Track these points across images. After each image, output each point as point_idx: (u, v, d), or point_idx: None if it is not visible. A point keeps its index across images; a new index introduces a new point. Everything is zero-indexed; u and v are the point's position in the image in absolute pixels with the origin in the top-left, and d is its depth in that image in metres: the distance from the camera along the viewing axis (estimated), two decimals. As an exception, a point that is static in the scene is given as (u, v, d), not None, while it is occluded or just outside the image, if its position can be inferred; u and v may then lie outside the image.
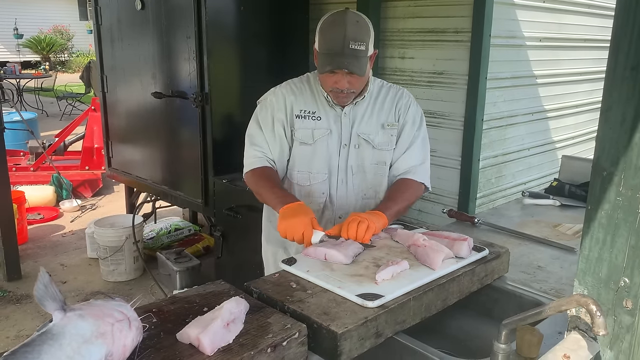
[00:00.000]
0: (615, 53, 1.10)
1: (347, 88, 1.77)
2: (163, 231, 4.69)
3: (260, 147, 1.90)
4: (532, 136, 3.93)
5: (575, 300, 1.10)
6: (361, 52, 1.70)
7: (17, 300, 3.87)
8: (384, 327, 1.24)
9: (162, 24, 3.54)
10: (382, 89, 1.96)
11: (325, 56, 1.72)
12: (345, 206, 1.93)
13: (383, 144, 1.92)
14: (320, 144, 1.89)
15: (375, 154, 1.92)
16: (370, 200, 1.96)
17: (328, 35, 1.72)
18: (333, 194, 1.93)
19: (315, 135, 1.88)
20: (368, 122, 1.91)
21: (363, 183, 1.94)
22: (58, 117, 11.18)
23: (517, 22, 3.50)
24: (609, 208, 1.17)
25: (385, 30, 3.68)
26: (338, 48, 1.68)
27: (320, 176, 1.91)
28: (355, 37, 1.68)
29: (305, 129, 1.88)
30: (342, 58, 1.68)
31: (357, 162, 1.91)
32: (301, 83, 1.95)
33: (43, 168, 6.21)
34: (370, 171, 1.93)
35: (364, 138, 1.90)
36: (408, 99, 1.98)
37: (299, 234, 1.57)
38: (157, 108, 3.76)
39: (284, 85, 1.95)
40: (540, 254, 1.93)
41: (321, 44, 1.74)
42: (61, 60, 20.61)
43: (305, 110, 1.89)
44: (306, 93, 1.91)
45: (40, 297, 0.95)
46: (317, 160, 1.90)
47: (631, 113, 1.09)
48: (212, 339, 1.05)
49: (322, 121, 1.88)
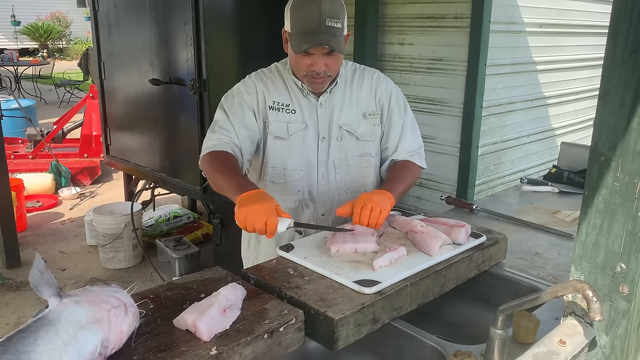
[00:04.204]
0: (614, 37, 1.09)
1: (324, 71, 1.66)
2: (162, 219, 4.69)
3: (227, 132, 1.72)
4: (531, 123, 3.91)
5: (572, 286, 1.10)
6: (338, 30, 1.60)
7: (16, 287, 3.88)
8: (380, 313, 1.25)
9: (160, 10, 3.51)
10: (356, 72, 1.84)
11: (300, 35, 1.60)
12: (328, 202, 1.82)
13: (366, 134, 1.81)
14: (295, 138, 1.76)
15: (358, 145, 1.81)
16: (355, 193, 1.81)
17: (301, 13, 1.60)
18: (313, 191, 1.81)
19: (290, 130, 1.75)
20: (348, 112, 1.79)
21: (347, 177, 1.83)
22: (56, 104, 11.15)
23: (517, 7, 3.47)
24: (606, 193, 1.16)
25: (384, 16, 3.66)
26: (314, 25, 1.57)
27: (296, 173, 1.79)
28: (331, 14, 1.57)
29: (279, 122, 1.75)
30: (319, 35, 1.57)
31: (340, 156, 1.80)
32: (271, 73, 1.81)
33: (41, 156, 6.20)
34: (354, 164, 1.83)
35: (346, 130, 1.79)
36: (387, 83, 1.86)
37: (261, 223, 1.37)
38: (154, 95, 3.74)
39: (253, 75, 1.82)
40: (538, 240, 1.93)
41: (294, 24, 1.62)
42: (59, 47, 20.48)
43: (279, 102, 1.76)
44: (278, 83, 1.78)
45: (35, 283, 0.94)
46: (293, 156, 1.77)
47: (630, 97, 1.09)
48: (208, 325, 1.05)
49: (297, 115, 1.76)
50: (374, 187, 1.88)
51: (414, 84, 3.61)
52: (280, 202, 1.74)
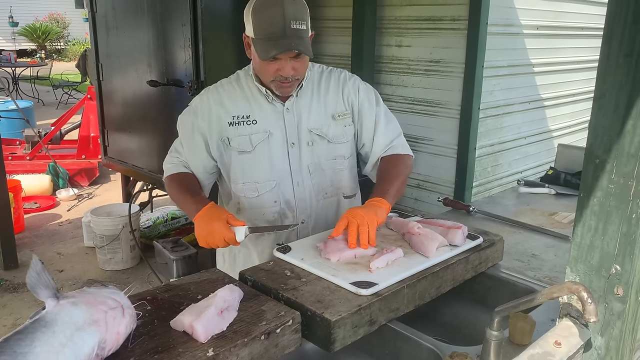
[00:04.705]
0: (608, 40, 1.10)
1: (292, 75, 1.60)
2: (160, 220, 4.69)
3: (179, 154, 1.76)
4: (528, 125, 3.93)
5: (567, 288, 1.11)
6: (304, 32, 1.55)
7: (14, 289, 3.88)
8: (377, 314, 1.25)
9: (157, 12, 3.51)
10: (322, 75, 1.79)
11: (266, 41, 1.53)
12: (307, 209, 1.78)
13: (338, 136, 1.76)
14: (260, 149, 1.70)
15: (331, 148, 1.77)
16: (332, 198, 1.82)
17: (264, 17, 1.53)
18: (290, 200, 1.76)
19: (254, 141, 1.69)
20: (317, 114, 1.74)
21: (323, 181, 1.79)
22: (54, 105, 11.13)
23: (514, 9, 3.49)
24: (601, 195, 1.17)
25: (382, 18, 3.67)
26: (279, 30, 1.51)
27: (268, 184, 1.73)
28: (295, 16, 1.52)
29: (241, 135, 1.69)
30: (286, 40, 1.51)
31: (313, 160, 1.75)
32: (230, 84, 1.75)
33: (39, 157, 6.19)
34: (328, 168, 1.78)
35: (317, 134, 1.74)
36: (353, 80, 1.81)
37: (220, 241, 1.48)
38: (152, 96, 3.74)
39: (212, 89, 1.75)
40: (534, 242, 1.94)
41: (257, 29, 1.55)
42: (57, 48, 20.46)
43: (238, 115, 1.70)
44: (236, 96, 1.72)
45: (33, 284, 0.95)
46: (261, 167, 1.72)
47: (624, 100, 1.09)
48: (205, 327, 1.06)
49: (259, 124, 1.70)
50: (350, 189, 1.86)
51: (412, 86, 3.62)
52: (259, 216, 1.75)
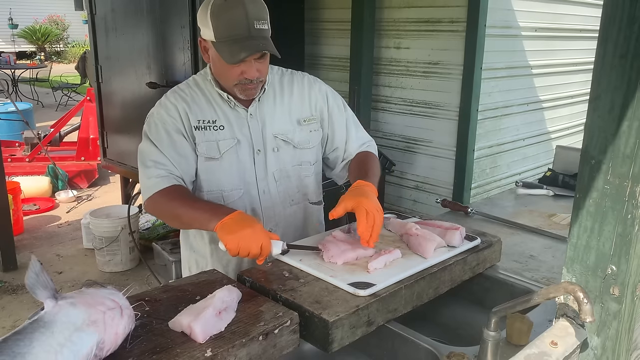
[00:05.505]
0: (603, 41, 1.11)
1: (257, 77, 1.55)
2: (159, 222, 4.68)
3: (164, 165, 1.57)
4: (527, 126, 3.94)
5: (563, 288, 1.11)
6: (267, 32, 1.51)
7: (13, 290, 3.88)
8: (375, 315, 1.25)
9: (157, 14, 3.52)
10: (284, 78, 1.74)
11: (231, 44, 1.47)
12: (274, 217, 1.73)
13: (303, 142, 1.72)
14: (228, 156, 1.63)
15: (296, 154, 1.72)
16: (299, 204, 1.78)
17: (226, 19, 1.47)
18: (257, 208, 1.70)
19: (222, 148, 1.61)
20: (281, 119, 1.69)
21: (289, 189, 1.74)
22: (53, 107, 11.13)
23: (513, 12, 3.50)
24: (597, 196, 1.18)
25: (380, 20, 3.68)
26: (243, 31, 1.46)
27: (235, 193, 1.66)
28: (258, 16, 1.48)
29: (208, 141, 1.61)
30: (252, 41, 1.47)
31: (279, 167, 1.70)
32: (189, 89, 1.66)
33: (38, 159, 6.20)
34: (294, 174, 1.74)
35: (282, 139, 1.68)
36: (319, 85, 1.78)
37: (256, 247, 1.33)
38: (152, 98, 3.72)
39: (170, 94, 1.64)
40: (532, 243, 1.94)
41: (219, 32, 1.48)
42: (56, 50, 20.48)
43: (203, 119, 1.61)
44: (199, 99, 1.63)
45: (31, 285, 0.95)
46: (229, 175, 1.65)
47: (619, 101, 1.10)
48: (204, 327, 1.06)
49: (226, 130, 1.62)
50: (316, 195, 1.84)
51: (410, 88, 3.63)
52: None
